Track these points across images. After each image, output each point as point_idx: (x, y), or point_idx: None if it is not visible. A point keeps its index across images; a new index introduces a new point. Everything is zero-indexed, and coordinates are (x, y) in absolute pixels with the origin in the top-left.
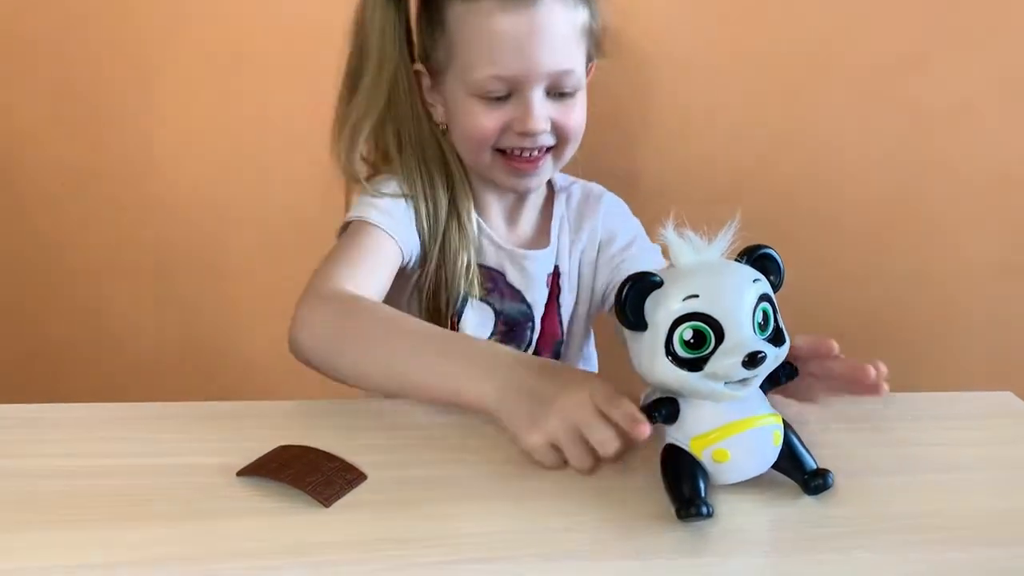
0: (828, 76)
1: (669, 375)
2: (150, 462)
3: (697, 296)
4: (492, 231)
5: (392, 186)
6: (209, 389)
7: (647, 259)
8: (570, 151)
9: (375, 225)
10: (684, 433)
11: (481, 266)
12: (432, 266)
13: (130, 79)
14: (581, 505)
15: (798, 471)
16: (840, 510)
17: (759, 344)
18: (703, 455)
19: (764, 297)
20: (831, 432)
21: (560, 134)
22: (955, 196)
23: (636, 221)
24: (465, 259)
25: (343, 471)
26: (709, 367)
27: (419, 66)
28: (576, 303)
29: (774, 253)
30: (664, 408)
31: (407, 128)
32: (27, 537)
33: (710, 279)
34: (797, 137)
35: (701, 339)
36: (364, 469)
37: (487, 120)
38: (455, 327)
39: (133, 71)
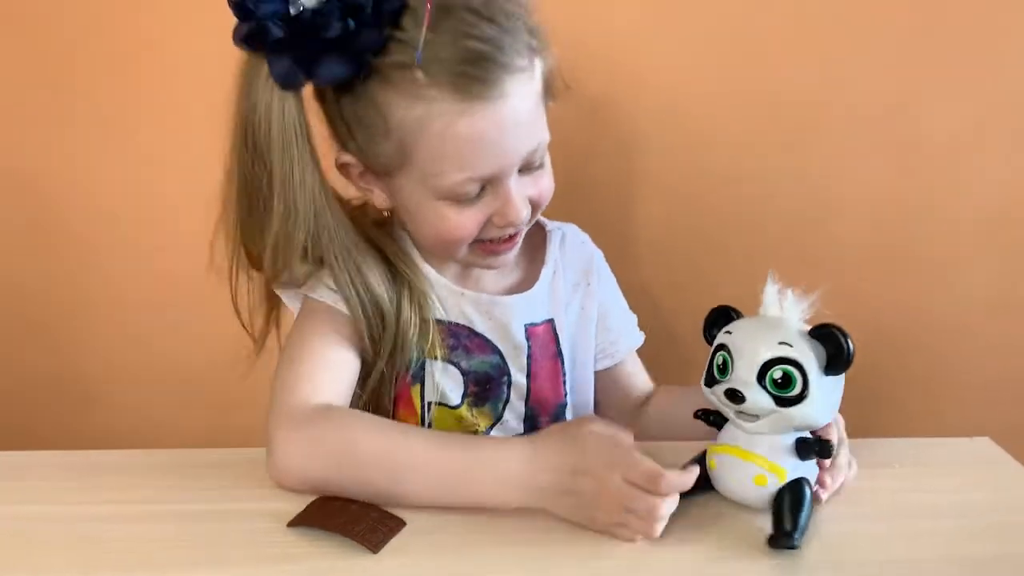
0: (823, 118)
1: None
2: (201, 508)
3: (730, 333)
4: (447, 280)
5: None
6: (233, 427)
7: (631, 335)
8: (540, 212)
9: (332, 307)
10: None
11: (439, 322)
12: (382, 339)
13: (153, 121)
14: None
15: (775, 523)
16: (820, 555)
17: (747, 388)
18: (708, 457)
19: (789, 361)
20: None
21: (535, 205)
22: (944, 233)
23: (615, 282)
24: (416, 323)
25: (384, 519)
26: (711, 388)
27: (347, 157)
28: (574, 364)
29: (836, 334)
30: (712, 415)
31: (330, 234)
32: None
33: (752, 326)
34: (794, 176)
35: (725, 368)
36: (402, 515)
37: (465, 220)
38: (408, 396)
39: (158, 111)
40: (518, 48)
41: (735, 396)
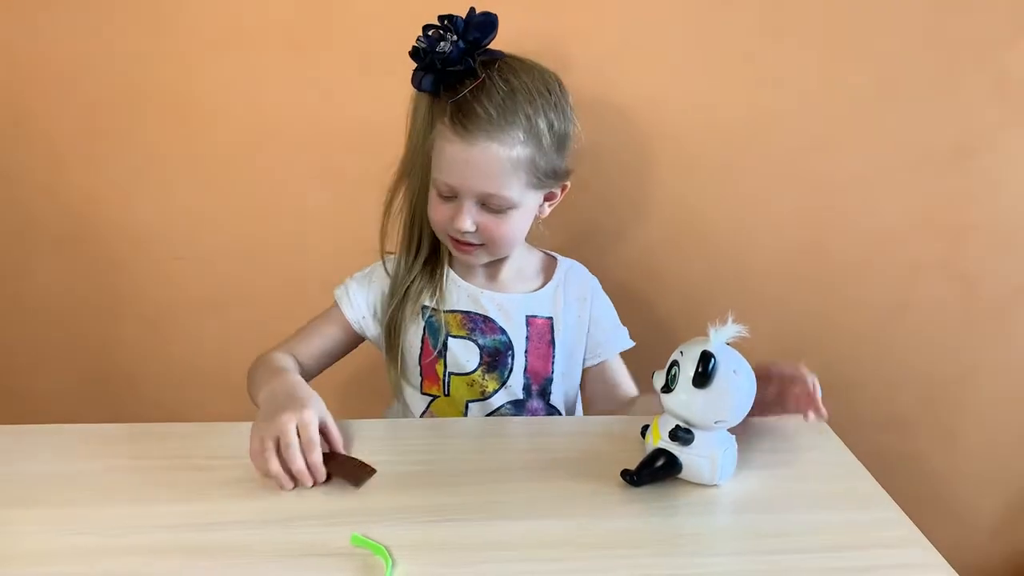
0: (752, 153)
1: None
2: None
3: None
4: (470, 285)
5: (391, 263)
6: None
7: (618, 341)
8: (500, 251)
9: (339, 307)
10: None
11: (466, 312)
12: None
13: (171, 156)
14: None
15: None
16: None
17: (656, 374)
18: None
19: (676, 365)
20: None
21: (486, 238)
22: (847, 250)
23: (609, 303)
24: (428, 310)
25: (361, 466)
26: None
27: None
28: (569, 355)
29: (706, 353)
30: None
31: (422, 228)
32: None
33: (691, 340)
34: (725, 203)
35: None
36: (377, 466)
37: (438, 211)
38: (433, 368)
39: (178, 149)
40: (508, 131)
41: (653, 377)
